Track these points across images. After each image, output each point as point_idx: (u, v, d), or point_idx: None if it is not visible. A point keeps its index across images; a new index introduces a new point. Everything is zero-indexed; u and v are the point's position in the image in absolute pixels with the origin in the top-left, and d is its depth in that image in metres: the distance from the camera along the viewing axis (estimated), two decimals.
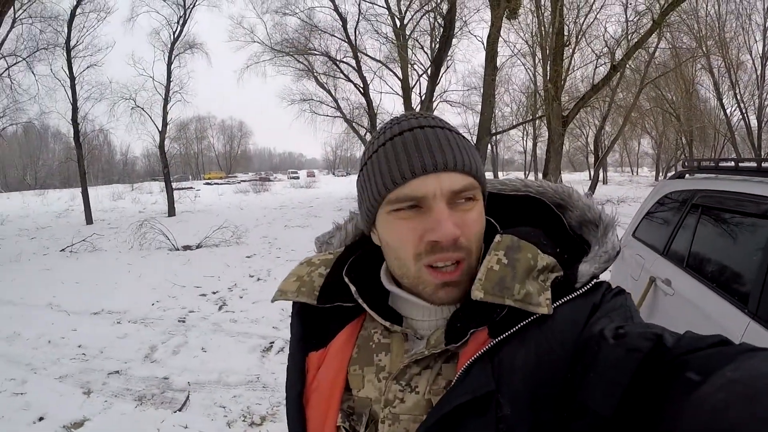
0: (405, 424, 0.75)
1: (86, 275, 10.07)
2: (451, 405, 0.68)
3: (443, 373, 0.76)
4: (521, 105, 32.89)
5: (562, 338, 0.70)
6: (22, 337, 6.28)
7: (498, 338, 0.71)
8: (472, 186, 0.77)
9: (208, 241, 13.58)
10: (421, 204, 0.75)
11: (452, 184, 0.74)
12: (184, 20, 22.11)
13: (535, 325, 0.72)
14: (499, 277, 0.73)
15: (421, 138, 0.76)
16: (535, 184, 0.92)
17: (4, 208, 27.44)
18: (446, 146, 0.76)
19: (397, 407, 0.76)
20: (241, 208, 25.35)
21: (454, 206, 0.75)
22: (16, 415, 4.28)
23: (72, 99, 20.04)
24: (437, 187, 0.74)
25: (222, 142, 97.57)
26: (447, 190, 0.74)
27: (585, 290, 0.76)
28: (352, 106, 27.53)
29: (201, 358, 5.45)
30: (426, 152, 0.74)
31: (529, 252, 0.77)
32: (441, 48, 16.52)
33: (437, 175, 0.74)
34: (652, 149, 43.63)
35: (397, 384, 0.77)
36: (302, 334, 0.90)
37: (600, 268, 0.78)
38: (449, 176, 0.74)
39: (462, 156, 0.76)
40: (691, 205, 3.51)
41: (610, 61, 14.95)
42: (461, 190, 0.75)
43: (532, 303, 0.72)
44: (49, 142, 69.52)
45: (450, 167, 0.74)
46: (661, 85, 24.57)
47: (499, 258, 0.76)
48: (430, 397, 0.74)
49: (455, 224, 0.74)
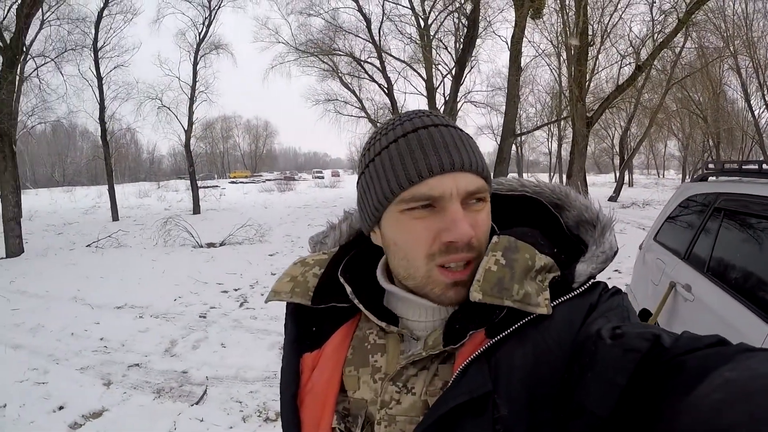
0: (401, 425, 0.75)
1: (111, 270, 10.25)
2: (448, 406, 0.67)
3: (440, 373, 0.75)
4: (546, 106, 32.60)
5: (559, 338, 0.70)
6: (46, 329, 6.42)
7: (495, 338, 0.71)
8: (484, 188, 0.77)
9: (231, 238, 13.71)
10: (436, 204, 0.74)
11: (468, 184, 0.74)
12: (209, 21, 22.30)
13: (532, 326, 0.71)
14: (497, 278, 0.73)
15: (437, 136, 0.75)
16: (532, 183, 0.92)
17: (32, 205, 27.90)
18: (461, 146, 0.75)
19: (393, 408, 0.76)
20: (266, 206, 25.52)
21: (467, 207, 0.75)
22: (37, 403, 4.39)
23: (99, 99, 20.38)
24: (454, 187, 0.73)
25: (247, 141, 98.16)
26: (463, 190, 0.74)
27: (582, 290, 0.76)
28: (376, 107, 27.43)
29: (220, 353, 5.52)
30: (443, 151, 0.74)
31: (526, 252, 0.77)
32: (465, 48, 16.47)
33: (454, 175, 0.74)
34: (679, 151, 42.89)
35: (394, 385, 0.77)
36: (296, 335, 0.90)
37: (597, 268, 0.78)
38: (465, 176, 0.74)
39: (475, 157, 0.76)
40: (714, 208, 3.44)
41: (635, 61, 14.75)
42: (475, 191, 0.75)
43: (531, 303, 0.72)
44: (77, 140, 70.70)
45: (466, 167, 0.74)
46: (688, 85, 24.14)
47: (497, 259, 0.75)
48: (427, 398, 0.74)
49: (470, 225, 0.74)
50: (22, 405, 4.34)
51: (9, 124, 12.31)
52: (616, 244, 0.82)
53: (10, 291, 8.54)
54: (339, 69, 24.91)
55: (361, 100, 26.22)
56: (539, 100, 34.99)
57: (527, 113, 36.68)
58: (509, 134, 13.48)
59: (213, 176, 73.97)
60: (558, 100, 25.13)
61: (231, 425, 4.01)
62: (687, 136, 34.52)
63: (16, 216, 12.40)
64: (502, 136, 13.76)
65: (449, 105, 17.69)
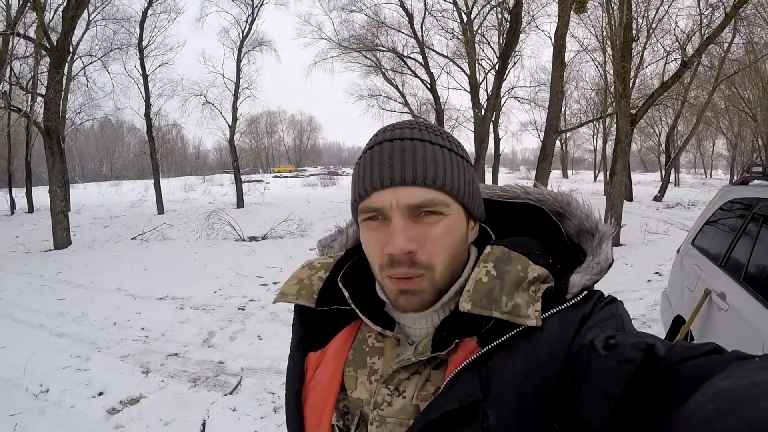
0: (391, 427, 0.77)
1: (154, 262, 10.56)
2: (437, 412, 0.69)
3: (432, 379, 0.77)
4: (591, 102, 31.85)
5: (551, 350, 0.71)
6: (89, 318, 6.68)
7: (486, 348, 0.72)
8: (435, 201, 0.76)
9: (273, 232, 13.93)
10: (383, 216, 0.76)
11: (409, 198, 0.74)
12: (252, 19, 22.56)
13: (524, 337, 0.72)
14: (487, 289, 0.74)
15: (386, 151, 0.77)
16: (536, 191, 0.92)
17: (81, 198, 28.80)
18: (409, 160, 0.75)
19: (384, 410, 0.78)
20: (308, 201, 25.71)
21: (418, 220, 0.76)
22: (78, 389, 4.59)
23: (145, 96, 20.93)
24: (393, 200, 0.74)
25: (292, 136, 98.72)
26: (403, 203, 0.74)
27: (575, 301, 0.75)
28: (419, 102, 27.14)
29: (256, 345, 5.65)
30: (386, 166, 0.75)
31: (519, 264, 0.77)
32: (508, 44, 16.25)
33: (394, 189, 0.74)
34: (727, 150, 41.39)
35: (386, 388, 0.79)
36: (302, 335, 0.92)
37: (591, 279, 0.78)
38: (407, 190, 0.74)
39: (427, 170, 0.75)
40: (753, 214, 3.32)
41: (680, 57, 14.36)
42: (419, 204, 0.75)
43: (520, 315, 0.72)
44: (124, 135, 72.32)
45: (408, 181, 0.74)
46: (737, 82, 23.30)
47: (488, 270, 0.76)
48: (418, 402, 0.76)
49: (410, 238, 0.74)
50: (63, 390, 4.54)
51: (57, 122, 12.75)
52: (612, 256, 0.82)
53: (57, 281, 8.88)
54: (382, 65, 24.78)
55: (404, 96, 26.00)
56: (584, 96, 34.13)
57: (571, 109, 35.89)
58: (552, 131, 13.26)
59: (257, 170, 74.83)
60: (603, 97, 24.64)
61: (262, 415, 4.11)
62: (735, 135, 33.26)
63: (64, 209, 12.85)
64: (545, 133, 13.54)
65: (492, 101, 17.49)
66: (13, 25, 12.20)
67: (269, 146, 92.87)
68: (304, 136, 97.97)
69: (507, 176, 60.11)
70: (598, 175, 47.43)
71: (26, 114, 12.63)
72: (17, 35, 12.50)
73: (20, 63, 14.61)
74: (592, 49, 23.66)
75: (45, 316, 6.79)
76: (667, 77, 14.00)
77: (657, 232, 13.23)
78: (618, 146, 11.90)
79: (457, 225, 0.79)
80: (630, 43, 11.45)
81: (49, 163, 12.50)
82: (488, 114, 17.25)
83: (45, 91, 12.28)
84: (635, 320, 6.21)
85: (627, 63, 11.43)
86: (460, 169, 0.79)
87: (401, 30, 23.15)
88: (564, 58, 13.76)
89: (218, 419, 4.06)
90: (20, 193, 23.35)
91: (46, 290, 8.13)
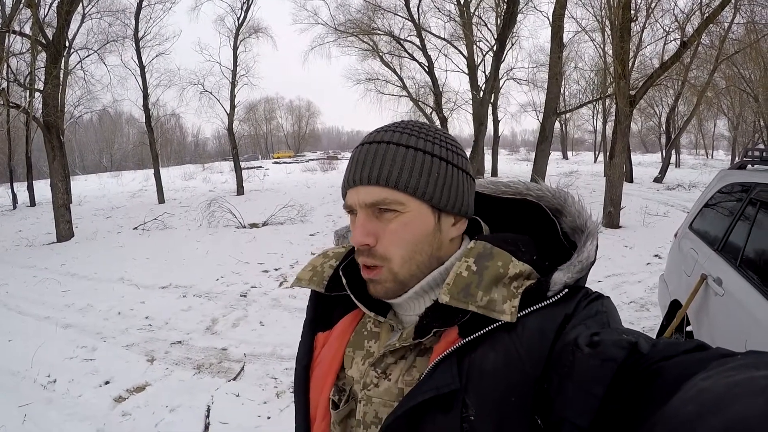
0: (376, 407, 0.83)
1: (156, 252, 10.62)
2: (416, 400, 0.73)
3: (417, 365, 0.82)
4: (590, 83, 31.58)
5: (529, 347, 0.73)
6: (94, 308, 6.75)
7: (466, 339, 0.75)
8: (388, 200, 0.82)
9: (273, 219, 13.93)
10: (354, 211, 0.86)
11: (366, 197, 0.83)
12: (247, 6, 22.29)
13: (504, 332, 0.75)
14: (465, 284, 0.78)
15: (363, 154, 0.85)
16: (536, 187, 0.94)
17: (82, 190, 28.69)
18: (372, 162, 0.83)
19: (371, 391, 0.84)
20: (308, 186, 25.62)
21: (380, 216, 0.84)
22: (85, 378, 4.67)
23: (143, 86, 20.73)
24: (356, 199, 0.84)
25: (290, 121, 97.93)
26: (362, 201, 0.83)
27: (557, 299, 0.77)
28: (417, 85, 26.94)
29: (258, 331, 5.72)
30: (357, 167, 0.84)
31: (500, 260, 0.80)
32: (505, 24, 16.06)
33: (357, 189, 0.84)
34: (729, 131, 41.13)
35: (374, 370, 0.85)
36: (313, 316, 1.01)
37: (573, 277, 0.80)
38: (366, 190, 0.83)
39: (384, 171, 0.82)
40: (750, 199, 3.30)
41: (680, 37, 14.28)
42: (374, 203, 0.83)
43: (495, 310, 0.75)
44: (123, 126, 71.81)
45: (372, 182, 0.82)
46: (738, 62, 23.10)
47: (468, 265, 0.80)
48: (403, 386, 0.81)
49: (367, 232, 0.83)
50: (71, 380, 4.61)
51: (56, 116, 12.71)
52: (594, 254, 0.83)
53: (61, 273, 8.94)
54: (379, 48, 24.59)
55: (402, 79, 25.83)
56: (583, 77, 33.71)
57: (570, 90, 35.53)
58: (551, 112, 13.19)
59: (257, 157, 74.57)
60: (602, 78, 24.49)
61: (265, 400, 4.18)
62: (737, 115, 32.97)
63: (66, 202, 12.86)
64: (544, 114, 13.45)
65: (490, 83, 17.33)
66: (9, 23, 12.13)
67: (268, 132, 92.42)
68: (303, 122, 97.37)
69: (507, 158, 59.96)
70: (598, 156, 47.18)
71: (25, 110, 12.56)
72: (13, 32, 12.42)
73: (17, 60, 14.52)
74: (591, 30, 23.41)
75: (50, 308, 6.85)
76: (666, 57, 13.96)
77: (657, 214, 13.21)
78: (618, 127, 11.86)
79: (417, 221, 0.84)
80: (629, 23, 11.36)
81: (50, 158, 12.50)
82: (487, 96, 17.11)
83: (43, 86, 12.22)
84: (634, 303, 6.25)
85: (626, 43, 11.36)
86: (425, 170, 0.83)
87: (398, 13, 23.00)
88: (562, 38, 13.67)
89: (222, 405, 4.13)
90: (21, 187, 23.30)
91: (50, 283, 8.19)
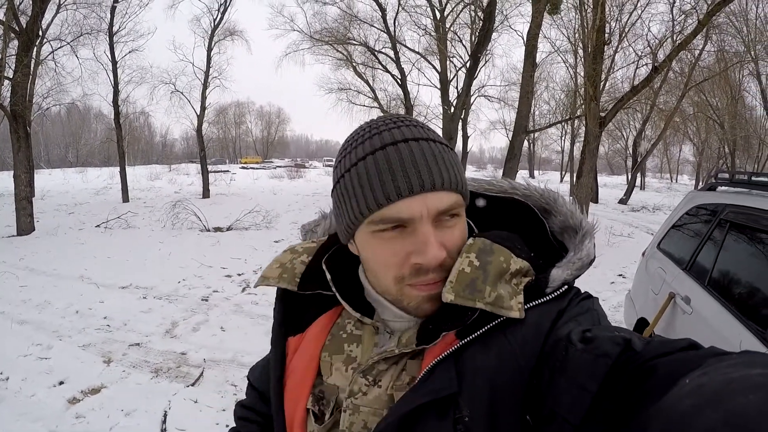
0: (364, 416, 0.77)
1: (118, 251, 10.36)
2: (411, 405, 0.68)
3: (408, 369, 0.77)
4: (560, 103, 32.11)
5: (524, 342, 0.70)
6: (52, 305, 6.53)
7: (464, 340, 0.71)
8: (458, 203, 0.75)
9: (238, 224, 13.80)
10: (407, 225, 0.72)
11: (439, 203, 0.72)
12: (224, 8, 22.23)
13: (500, 329, 0.71)
14: (470, 279, 0.72)
15: (406, 154, 0.72)
16: (522, 186, 0.91)
17: (45, 184, 28.01)
18: (433, 163, 0.72)
19: (359, 399, 0.77)
20: (275, 193, 25.53)
21: (440, 224, 0.73)
22: (39, 377, 4.48)
23: (113, 82, 20.35)
24: (424, 208, 0.71)
25: (260, 127, 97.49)
26: (434, 210, 0.71)
27: (554, 296, 0.75)
28: (389, 97, 27.14)
29: (219, 336, 5.59)
30: (413, 171, 0.70)
31: (501, 255, 0.76)
32: (480, 42, 16.24)
33: (424, 196, 0.71)
34: (694, 156, 42.17)
35: (364, 378, 0.78)
36: (282, 319, 0.92)
37: (572, 274, 0.78)
38: (436, 196, 0.71)
39: (449, 173, 0.73)
40: (720, 219, 3.36)
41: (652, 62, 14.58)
42: (447, 209, 0.73)
43: (503, 306, 0.71)
44: (91, 122, 70.47)
45: (437, 186, 0.71)
46: (706, 89, 23.72)
47: (470, 260, 0.74)
48: (393, 392, 0.75)
49: (441, 245, 0.72)
50: (24, 378, 4.43)
51: (24, 106, 12.47)
52: (594, 252, 0.82)
53: (19, 268, 8.66)
54: (353, 58, 24.70)
55: (375, 91, 26.02)
56: (554, 98, 34.32)
57: (541, 110, 36.24)
58: (521, 130, 13.32)
59: (224, 161, 73.87)
60: (572, 99, 24.94)
61: (224, 407, 4.06)
62: (702, 141, 33.85)
63: (28, 195, 12.57)
64: (513, 132, 13.60)
65: (461, 98, 17.48)
66: None
67: (237, 137, 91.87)
68: (273, 128, 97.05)
69: (474, 174, 60.52)
70: (564, 176, 47.93)
71: None
72: None
73: None
74: (564, 51, 23.94)
75: (6, 302, 6.62)
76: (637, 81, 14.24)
77: (621, 235, 13.43)
78: (586, 148, 12.08)
79: (465, 223, 0.79)
80: (602, 46, 11.61)
81: (15, 148, 12.25)
82: (457, 111, 17.26)
83: (12, 74, 11.97)
84: None
85: (598, 66, 11.60)
86: (457, 163, 0.76)
87: (374, 24, 23.11)
88: (536, 58, 13.84)
89: (180, 410, 4.00)
90: None
91: (8, 277, 7.93)
